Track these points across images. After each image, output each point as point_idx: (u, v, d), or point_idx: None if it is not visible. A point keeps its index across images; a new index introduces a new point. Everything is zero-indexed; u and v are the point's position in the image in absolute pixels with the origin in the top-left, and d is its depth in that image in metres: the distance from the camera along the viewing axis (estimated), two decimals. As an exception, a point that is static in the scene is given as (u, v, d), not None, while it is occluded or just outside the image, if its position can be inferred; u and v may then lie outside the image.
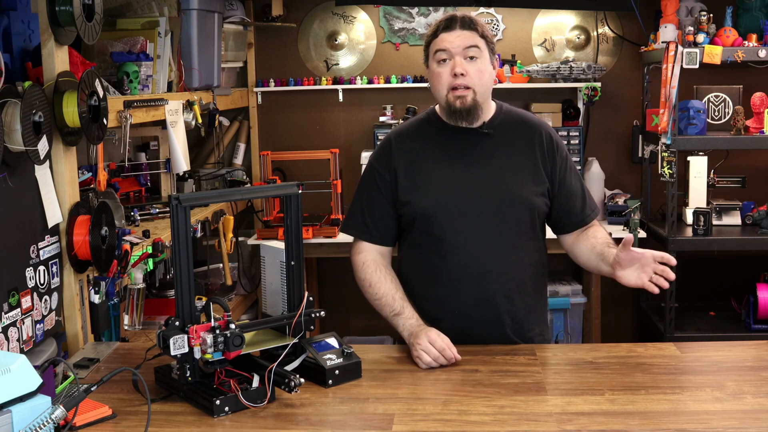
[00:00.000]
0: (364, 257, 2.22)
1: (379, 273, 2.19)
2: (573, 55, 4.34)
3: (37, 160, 1.98)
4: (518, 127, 2.22)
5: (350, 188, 4.14)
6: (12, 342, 1.89)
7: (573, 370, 1.95)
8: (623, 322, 4.46)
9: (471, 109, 2.12)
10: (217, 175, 3.89)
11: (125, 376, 1.83)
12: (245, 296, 4.04)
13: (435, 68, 2.15)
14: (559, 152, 2.21)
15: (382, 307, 2.16)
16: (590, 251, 2.18)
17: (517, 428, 1.61)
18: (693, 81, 3.93)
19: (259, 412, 1.70)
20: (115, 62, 2.79)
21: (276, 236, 3.75)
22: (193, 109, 3.24)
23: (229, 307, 1.76)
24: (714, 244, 3.76)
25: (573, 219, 2.23)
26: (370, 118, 4.37)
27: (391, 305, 2.14)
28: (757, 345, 2.08)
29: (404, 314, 2.11)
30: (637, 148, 4.23)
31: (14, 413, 1.46)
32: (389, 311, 2.14)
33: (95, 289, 2.22)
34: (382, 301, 2.16)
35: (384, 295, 2.16)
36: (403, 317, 2.11)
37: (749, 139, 3.74)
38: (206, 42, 3.49)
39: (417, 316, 2.10)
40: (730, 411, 1.67)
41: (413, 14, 4.35)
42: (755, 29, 3.66)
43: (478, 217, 2.13)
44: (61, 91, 2.09)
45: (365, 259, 2.22)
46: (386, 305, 2.15)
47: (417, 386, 1.84)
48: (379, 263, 2.20)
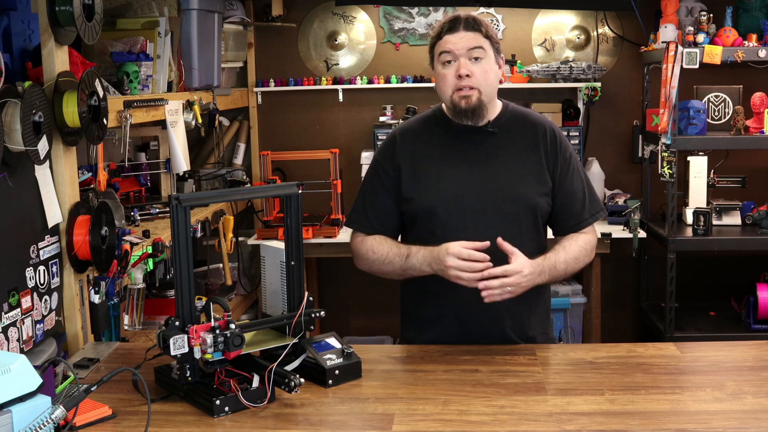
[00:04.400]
0: (362, 237, 2.25)
1: (378, 239, 2.21)
2: (573, 55, 4.34)
3: (37, 160, 1.98)
4: (523, 126, 2.22)
5: (350, 188, 4.16)
6: (12, 342, 1.89)
7: (573, 370, 1.95)
8: (623, 322, 4.46)
9: (476, 109, 2.13)
10: (217, 175, 3.89)
11: (125, 376, 1.83)
12: (245, 296, 4.04)
13: (440, 70, 2.15)
14: (563, 152, 2.21)
15: (392, 262, 2.16)
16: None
17: (517, 428, 1.61)
18: (693, 81, 3.93)
19: (259, 412, 1.70)
20: (115, 62, 2.79)
21: (276, 236, 3.75)
22: (193, 109, 3.24)
23: (229, 307, 1.76)
24: (714, 244, 3.76)
25: (570, 221, 2.22)
26: (370, 118, 4.37)
27: (398, 254, 2.15)
28: (757, 345, 2.08)
29: (412, 252, 2.12)
30: (637, 148, 4.23)
31: (14, 413, 1.46)
32: (399, 261, 2.14)
33: (95, 289, 2.22)
34: (389, 256, 2.16)
35: (388, 251, 2.17)
36: (413, 256, 2.11)
37: (749, 139, 3.74)
38: (206, 42, 3.48)
39: (425, 247, 2.11)
40: (730, 411, 1.67)
41: (413, 14, 4.35)
42: (755, 29, 3.66)
43: (481, 215, 2.13)
44: (61, 91, 2.09)
45: (363, 239, 2.24)
46: (395, 257, 2.15)
47: (417, 386, 1.84)
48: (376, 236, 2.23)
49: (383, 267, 2.19)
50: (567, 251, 2.16)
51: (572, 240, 2.20)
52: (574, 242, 2.20)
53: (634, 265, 4.39)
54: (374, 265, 2.21)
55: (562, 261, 2.14)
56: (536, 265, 2.06)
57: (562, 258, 2.14)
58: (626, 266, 4.38)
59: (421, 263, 2.10)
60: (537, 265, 2.06)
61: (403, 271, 2.16)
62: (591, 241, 2.24)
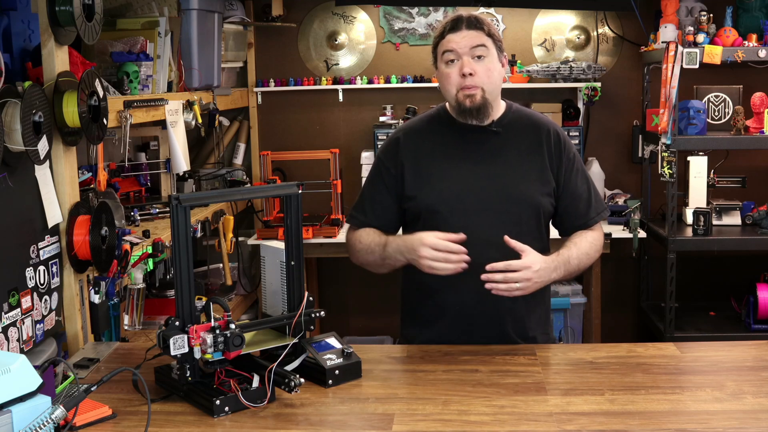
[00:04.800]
0: (354, 230, 2.27)
1: (366, 230, 2.23)
2: (573, 55, 4.34)
3: (37, 160, 1.98)
4: (527, 127, 2.22)
5: (350, 188, 4.17)
6: (12, 342, 1.89)
7: (573, 370, 1.95)
8: (623, 322, 4.46)
9: (480, 108, 2.13)
10: (217, 175, 3.90)
11: (125, 376, 1.83)
12: (245, 296, 4.04)
13: (443, 69, 2.16)
14: (566, 153, 2.21)
15: (373, 251, 2.18)
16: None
17: (517, 428, 1.61)
18: (693, 81, 3.93)
19: (259, 412, 1.70)
20: (115, 62, 2.79)
21: (276, 236, 3.75)
22: (193, 109, 3.24)
23: (229, 307, 1.76)
24: (714, 244, 3.76)
25: (576, 221, 2.23)
26: (370, 118, 4.37)
27: (378, 243, 2.17)
28: (757, 345, 2.07)
29: (389, 241, 2.14)
30: (637, 148, 4.23)
31: (14, 413, 1.46)
32: (379, 251, 2.16)
33: (95, 289, 2.22)
34: (371, 246, 2.18)
35: (371, 241, 2.19)
36: (389, 245, 2.13)
37: (749, 139, 3.74)
38: (206, 42, 3.48)
39: (400, 236, 2.14)
40: (730, 411, 1.67)
41: (413, 14, 4.35)
42: (755, 29, 3.66)
43: (483, 214, 2.13)
44: (61, 91, 2.09)
45: (354, 230, 2.27)
46: (376, 246, 2.17)
47: (417, 386, 1.84)
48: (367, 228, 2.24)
49: (367, 257, 2.21)
50: (578, 247, 2.16)
51: (581, 236, 2.21)
52: (584, 238, 2.20)
53: (634, 265, 4.39)
54: (360, 256, 2.23)
55: (575, 257, 2.14)
56: (550, 261, 2.06)
57: (575, 254, 2.14)
58: (626, 266, 4.38)
59: (395, 252, 2.11)
60: (551, 261, 2.06)
61: (382, 260, 2.17)
62: (599, 238, 2.25)
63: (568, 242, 2.19)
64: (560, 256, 2.11)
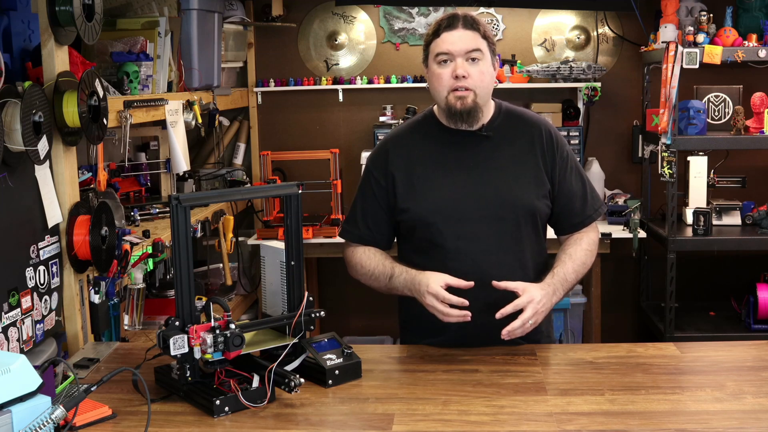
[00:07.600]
0: (354, 247, 2.25)
1: (368, 252, 2.20)
2: (573, 55, 4.34)
3: (37, 160, 1.98)
4: (518, 128, 2.19)
5: (350, 188, 4.16)
6: (12, 342, 1.89)
7: (573, 370, 1.95)
8: (623, 322, 4.46)
9: (471, 111, 2.09)
10: (217, 175, 3.89)
11: (125, 376, 1.83)
12: (245, 296, 4.04)
13: (435, 69, 2.12)
14: (560, 151, 2.18)
15: (378, 279, 2.16)
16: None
17: (517, 428, 1.61)
18: (693, 81, 3.93)
19: (259, 412, 1.70)
20: (115, 62, 2.79)
21: (276, 236, 3.75)
22: (193, 109, 3.24)
23: (229, 307, 1.76)
24: (714, 244, 3.76)
25: (573, 220, 2.21)
26: (370, 118, 4.37)
27: (383, 273, 2.14)
28: (757, 345, 2.08)
29: (395, 274, 2.12)
30: (637, 148, 4.23)
31: (14, 413, 1.46)
32: (384, 281, 2.14)
33: (95, 289, 2.22)
34: (375, 273, 2.16)
35: (374, 268, 2.17)
36: (395, 278, 2.11)
37: (749, 139, 3.74)
38: (206, 42, 3.48)
39: (408, 270, 2.10)
40: (730, 411, 1.67)
41: (413, 14, 4.35)
42: (755, 29, 3.66)
43: (479, 222, 2.10)
44: (61, 91, 2.09)
45: (355, 249, 2.24)
46: (380, 275, 2.15)
47: (417, 386, 1.84)
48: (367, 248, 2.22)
49: (370, 282, 2.20)
50: (573, 259, 2.14)
51: (576, 245, 2.18)
52: (579, 247, 2.18)
53: (634, 265, 4.39)
54: (363, 279, 2.22)
55: (572, 271, 2.12)
56: (546, 286, 2.03)
57: (571, 268, 2.12)
58: (626, 266, 4.38)
59: (402, 287, 2.10)
60: (547, 286, 2.04)
61: (387, 289, 2.16)
62: (594, 240, 2.23)
63: (563, 255, 2.16)
64: (556, 277, 2.08)
